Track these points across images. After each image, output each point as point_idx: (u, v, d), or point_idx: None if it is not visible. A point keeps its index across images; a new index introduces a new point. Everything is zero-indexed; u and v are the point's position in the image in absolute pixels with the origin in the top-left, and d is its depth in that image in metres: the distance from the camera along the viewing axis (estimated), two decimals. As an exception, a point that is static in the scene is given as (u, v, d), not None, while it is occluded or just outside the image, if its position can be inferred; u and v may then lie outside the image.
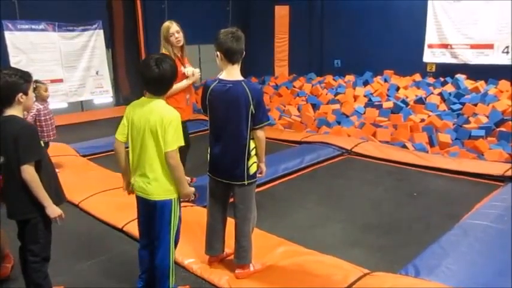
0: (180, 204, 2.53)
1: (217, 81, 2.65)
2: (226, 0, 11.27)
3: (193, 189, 2.53)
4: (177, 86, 3.93)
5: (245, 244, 2.80)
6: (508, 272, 2.75)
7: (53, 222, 2.41)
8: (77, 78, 8.75)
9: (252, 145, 2.70)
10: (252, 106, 2.58)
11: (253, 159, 2.74)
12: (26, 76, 2.37)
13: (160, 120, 2.33)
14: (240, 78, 2.64)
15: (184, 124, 4.10)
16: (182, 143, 2.39)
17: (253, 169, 2.74)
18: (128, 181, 2.57)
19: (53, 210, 2.35)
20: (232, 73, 2.63)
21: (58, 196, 2.46)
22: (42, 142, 2.45)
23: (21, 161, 2.25)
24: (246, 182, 2.71)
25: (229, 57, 2.59)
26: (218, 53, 2.61)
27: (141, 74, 2.40)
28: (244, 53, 2.65)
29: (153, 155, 2.38)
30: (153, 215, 2.47)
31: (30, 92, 2.40)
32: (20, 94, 2.32)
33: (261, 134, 2.69)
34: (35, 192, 2.29)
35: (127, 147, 2.52)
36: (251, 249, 2.83)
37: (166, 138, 2.33)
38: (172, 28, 3.96)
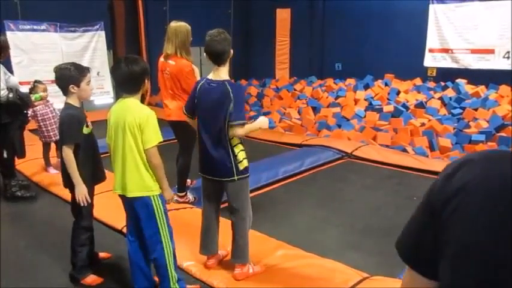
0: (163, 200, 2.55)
1: (204, 81, 2.76)
2: (228, 3, 11.30)
3: (172, 195, 2.60)
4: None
5: (241, 243, 2.81)
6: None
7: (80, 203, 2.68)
8: (78, 79, 8.78)
9: (236, 141, 2.72)
10: (231, 104, 2.62)
11: (243, 154, 2.74)
12: (80, 70, 2.69)
13: (136, 118, 2.35)
14: (226, 78, 2.71)
15: None
16: (160, 139, 2.42)
17: (243, 164, 2.74)
18: None
19: (80, 190, 2.66)
20: (218, 73, 2.72)
21: (94, 177, 2.80)
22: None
23: (62, 142, 2.67)
24: (236, 178, 2.72)
25: (213, 59, 2.70)
26: (205, 54, 2.72)
27: (112, 74, 2.48)
28: (230, 54, 2.72)
29: (129, 153, 2.40)
30: (136, 213, 2.50)
31: (84, 85, 2.70)
32: (72, 85, 2.66)
33: (238, 131, 2.63)
34: (68, 170, 2.64)
35: None
36: (248, 248, 2.84)
37: (145, 136, 2.36)
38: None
